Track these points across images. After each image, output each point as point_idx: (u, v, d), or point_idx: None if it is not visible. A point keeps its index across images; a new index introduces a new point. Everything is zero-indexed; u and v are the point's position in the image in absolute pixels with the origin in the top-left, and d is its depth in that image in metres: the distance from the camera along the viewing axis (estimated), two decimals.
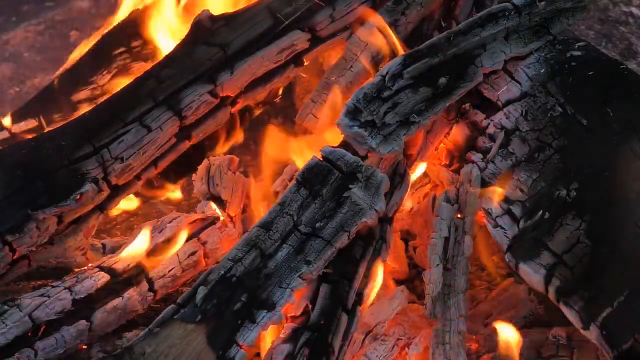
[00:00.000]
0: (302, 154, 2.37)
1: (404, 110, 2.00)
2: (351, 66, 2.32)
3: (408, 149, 2.15)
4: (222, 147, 2.50)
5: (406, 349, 2.06)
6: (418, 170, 2.25)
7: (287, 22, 2.27)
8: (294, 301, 1.84)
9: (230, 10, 2.34)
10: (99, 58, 2.74)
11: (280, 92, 2.63)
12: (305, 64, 2.34)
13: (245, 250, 1.85)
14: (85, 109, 2.52)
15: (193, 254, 2.26)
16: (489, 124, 2.16)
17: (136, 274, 2.18)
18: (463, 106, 2.22)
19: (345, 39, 2.36)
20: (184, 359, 1.75)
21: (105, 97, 2.36)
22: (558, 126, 2.07)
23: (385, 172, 2.03)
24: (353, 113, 1.97)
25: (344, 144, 2.03)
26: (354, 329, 1.93)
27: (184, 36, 2.30)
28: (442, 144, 2.26)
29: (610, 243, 1.92)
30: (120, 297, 2.14)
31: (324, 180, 1.91)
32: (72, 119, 2.26)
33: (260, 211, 2.36)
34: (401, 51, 2.21)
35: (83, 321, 2.07)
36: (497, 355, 2.08)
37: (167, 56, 2.28)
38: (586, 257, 1.91)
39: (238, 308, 1.79)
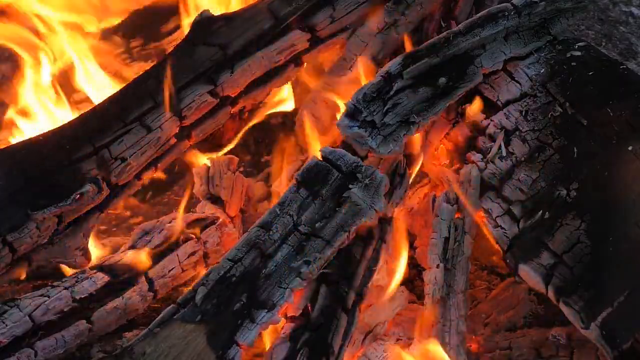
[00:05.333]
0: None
1: (404, 111, 2.00)
2: (351, 66, 2.32)
3: (408, 149, 2.15)
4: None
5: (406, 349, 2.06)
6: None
7: (287, 22, 2.28)
8: (293, 301, 1.84)
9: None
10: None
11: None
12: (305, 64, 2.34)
13: (245, 250, 1.85)
14: (85, 108, 2.51)
15: (193, 254, 2.26)
16: (489, 124, 2.16)
17: (136, 274, 2.18)
18: (463, 106, 2.22)
19: (345, 39, 2.36)
20: (184, 359, 1.75)
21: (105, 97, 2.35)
22: (558, 126, 2.07)
23: (385, 172, 2.03)
24: (353, 113, 1.97)
25: (344, 145, 2.03)
26: (354, 328, 1.93)
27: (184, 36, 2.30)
28: (442, 144, 2.26)
29: (610, 243, 1.92)
30: (120, 297, 2.13)
31: (324, 181, 1.91)
32: (72, 119, 2.26)
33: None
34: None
35: (83, 321, 2.08)
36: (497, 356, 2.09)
37: (167, 56, 2.28)
38: (586, 257, 1.91)
39: (238, 308, 1.79)
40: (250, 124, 2.51)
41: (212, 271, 1.84)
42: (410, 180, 2.21)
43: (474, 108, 2.17)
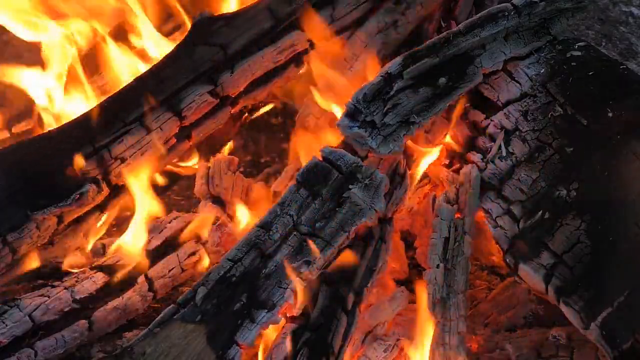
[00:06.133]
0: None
1: (404, 111, 2.00)
2: (351, 66, 2.32)
3: (408, 149, 2.15)
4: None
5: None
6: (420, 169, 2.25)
7: (287, 22, 2.28)
8: (293, 301, 1.84)
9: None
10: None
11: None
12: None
13: (245, 250, 1.85)
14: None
15: (193, 254, 2.26)
16: (489, 124, 2.16)
17: (136, 274, 2.18)
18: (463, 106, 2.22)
19: (345, 39, 2.36)
20: (184, 359, 1.75)
21: (105, 97, 2.35)
22: (558, 126, 2.07)
23: (385, 172, 2.03)
24: (353, 114, 1.97)
25: (344, 145, 2.03)
26: (354, 329, 1.93)
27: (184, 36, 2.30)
28: (442, 144, 2.26)
29: (610, 243, 1.92)
30: (120, 297, 2.14)
31: (324, 181, 1.91)
32: (72, 119, 2.26)
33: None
34: None
35: (83, 321, 2.08)
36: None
37: (167, 56, 2.28)
38: (586, 257, 1.91)
39: (238, 308, 1.79)
40: None
41: (212, 271, 1.84)
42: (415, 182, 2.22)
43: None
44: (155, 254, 2.22)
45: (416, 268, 2.36)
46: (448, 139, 2.24)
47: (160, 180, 2.45)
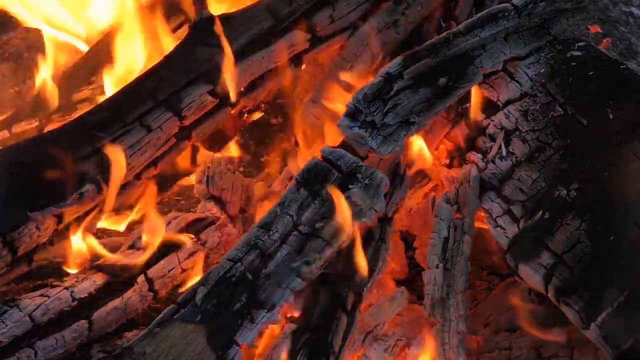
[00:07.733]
0: None
1: (404, 111, 2.00)
2: (351, 66, 2.32)
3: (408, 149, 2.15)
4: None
5: (406, 349, 2.06)
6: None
7: (287, 22, 2.28)
8: (293, 301, 1.84)
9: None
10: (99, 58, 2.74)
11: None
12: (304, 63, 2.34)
13: (245, 250, 1.85)
14: (85, 109, 2.51)
15: (193, 254, 2.26)
16: (489, 124, 2.16)
17: (136, 274, 2.17)
18: (463, 106, 2.22)
19: (345, 39, 2.36)
20: (184, 359, 1.75)
21: (105, 97, 2.35)
22: (558, 126, 2.07)
23: (385, 172, 2.03)
24: (353, 114, 1.97)
25: (344, 145, 2.03)
26: (353, 329, 1.93)
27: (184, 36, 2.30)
28: (442, 144, 2.26)
29: (610, 243, 1.92)
30: (120, 297, 2.14)
31: (324, 181, 1.91)
32: (72, 119, 2.25)
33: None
34: None
35: (83, 321, 2.08)
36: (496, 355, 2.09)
37: (167, 56, 2.28)
38: (586, 257, 1.91)
39: (238, 308, 1.79)
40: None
41: (212, 271, 1.84)
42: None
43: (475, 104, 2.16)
44: (155, 254, 2.22)
45: (416, 268, 2.37)
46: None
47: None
